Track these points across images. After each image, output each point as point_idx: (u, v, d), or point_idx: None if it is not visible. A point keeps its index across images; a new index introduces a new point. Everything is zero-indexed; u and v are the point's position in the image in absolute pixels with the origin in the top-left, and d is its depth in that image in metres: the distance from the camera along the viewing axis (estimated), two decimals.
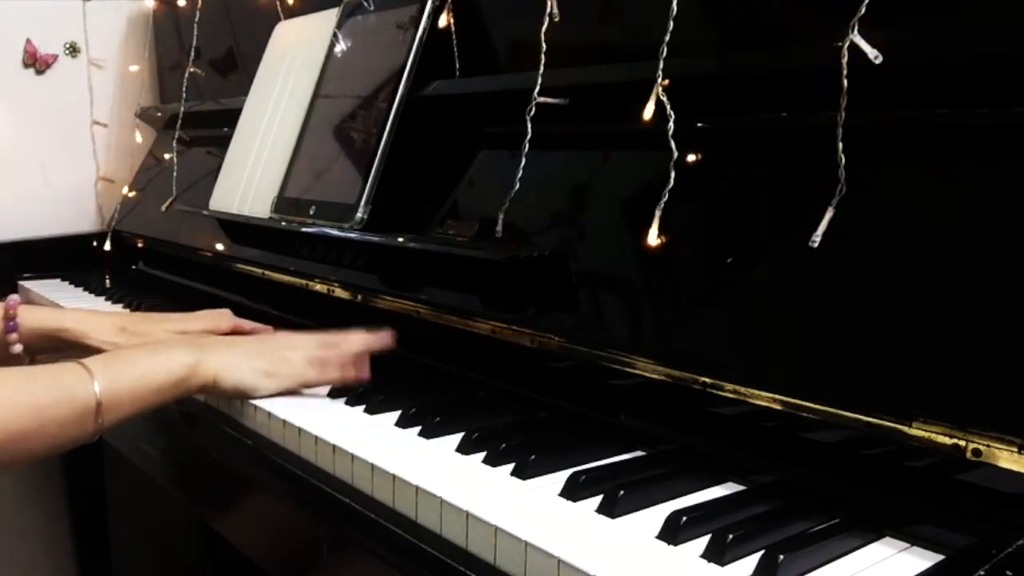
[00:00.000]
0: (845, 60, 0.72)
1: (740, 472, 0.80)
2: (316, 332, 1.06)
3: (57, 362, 0.93)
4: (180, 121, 1.80)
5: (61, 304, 1.60)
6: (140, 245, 1.86)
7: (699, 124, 0.88)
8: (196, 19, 1.79)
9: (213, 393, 1.01)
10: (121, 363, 0.93)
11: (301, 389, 1.03)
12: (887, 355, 0.69)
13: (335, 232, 1.19)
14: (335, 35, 1.36)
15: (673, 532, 0.68)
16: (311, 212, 1.26)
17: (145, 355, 0.97)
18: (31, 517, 2.04)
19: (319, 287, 1.29)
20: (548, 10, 0.99)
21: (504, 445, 0.84)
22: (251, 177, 1.43)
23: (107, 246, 1.92)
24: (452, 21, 1.20)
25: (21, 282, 1.82)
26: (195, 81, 1.83)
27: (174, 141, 1.79)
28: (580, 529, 0.70)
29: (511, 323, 0.97)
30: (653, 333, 0.85)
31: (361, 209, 1.17)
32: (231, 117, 1.57)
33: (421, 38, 1.19)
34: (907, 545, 0.68)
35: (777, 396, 0.74)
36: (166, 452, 1.19)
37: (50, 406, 0.86)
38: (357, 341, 1.05)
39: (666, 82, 0.86)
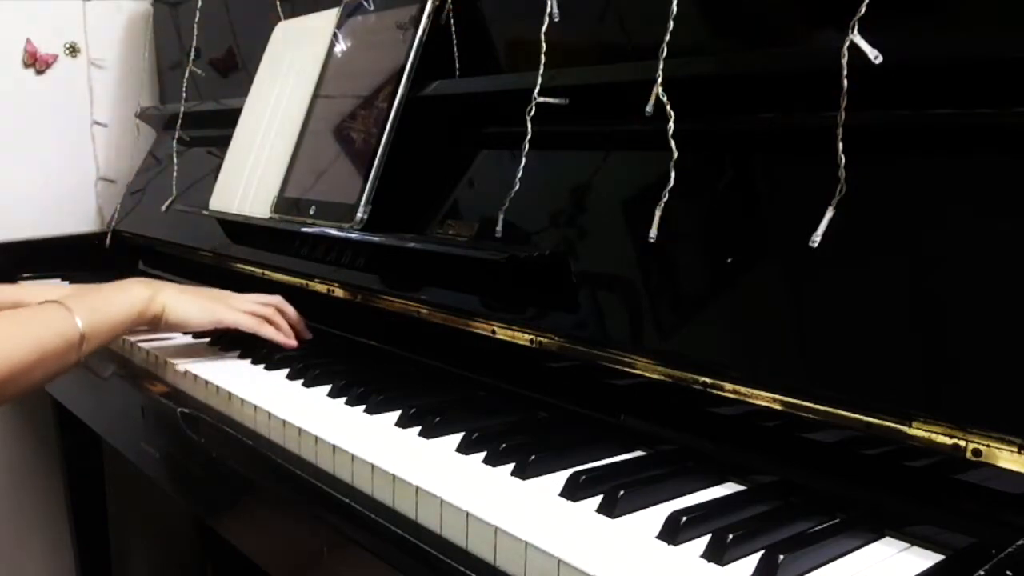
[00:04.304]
0: (845, 60, 0.72)
1: (740, 472, 0.80)
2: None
3: None
4: (180, 121, 1.80)
5: None
6: (140, 245, 1.86)
7: (699, 124, 0.87)
8: (196, 19, 1.79)
9: (162, 323, 1.16)
10: (93, 300, 1.09)
11: (238, 326, 1.19)
12: (887, 355, 0.69)
13: (335, 232, 1.19)
14: (335, 35, 1.36)
15: (673, 532, 0.68)
16: (311, 212, 1.26)
17: (112, 292, 1.13)
18: (31, 517, 2.04)
19: (319, 287, 1.29)
20: (548, 10, 0.99)
21: (504, 445, 0.84)
22: (251, 177, 1.43)
23: (107, 246, 1.92)
24: (452, 21, 1.20)
25: (21, 282, 1.82)
26: (195, 81, 1.82)
27: (174, 141, 1.79)
28: (580, 529, 0.70)
29: (511, 323, 0.97)
30: (653, 333, 0.85)
31: (361, 209, 1.17)
32: (231, 117, 1.57)
33: (421, 38, 1.19)
34: (907, 545, 0.68)
35: (777, 396, 0.74)
36: (166, 452, 1.19)
37: (48, 341, 1.01)
38: (293, 314, 1.25)
39: (666, 82, 0.86)
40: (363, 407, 0.99)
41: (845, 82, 0.72)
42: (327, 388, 1.06)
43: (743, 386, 0.76)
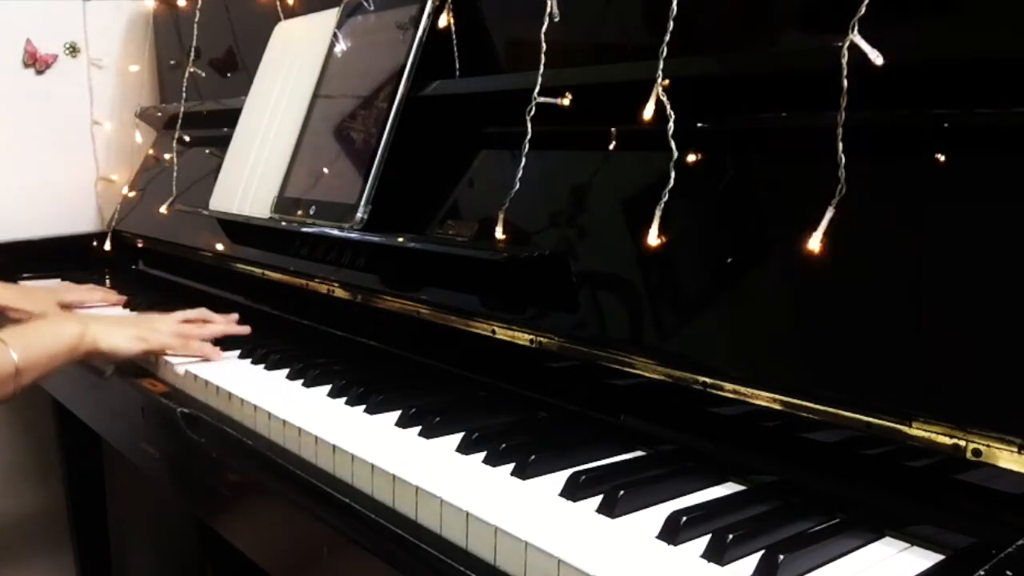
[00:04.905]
0: (845, 60, 0.72)
1: (740, 472, 0.80)
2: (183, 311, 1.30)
3: None
4: (180, 121, 1.80)
5: None
6: (140, 245, 1.86)
7: (699, 124, 0.87)
8: (196, 19, 1.79)
9: (95, 355, 1.19)
10: (29, 335, 1.14)
11: (166, 353, 1.23)
12: (887, 355, 0.69)
13: (335, 232, 1.19)
14: (335, 35, 1.36)
15: (673, 532, 0.68)
16: (311, 212, 1.26)
17: (46, 328, 1.18)
18: (31, 517, 2.03)
19: (319, 287, 1.29)
20: (548, 10, 0.99)
21: (504, 445, 0.84)
22: (251, 177, 1.43)
23: (107, 246, 1.92)
24: (452, 21, 1.20)
25: (21, 282, 1.82)
26: (195, 81, 1.82)
27: (174, 141, 1.79)
28: (580, 529, 0.70)
29: (511, 323, 0.97)
30: (653, 333, 0.85)
31: (361, 209, 1.17)
32: (231, 117, 1.57)
33: (421, 38, 1.19)
34: (907, 545, 0.68)
35: (777, 396, 0.74)
36: (166, 452, 1.19)
37: None
38: (217, 328, 1.28)
39: (666, 82, 0.86)
40: (363, 407, 0.99)
41: (845, 82, 0.72)
42: (327, 388, 1.06)
43: (743, 386, 0.76)
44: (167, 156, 1.83)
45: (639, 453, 0.86)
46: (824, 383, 0.71)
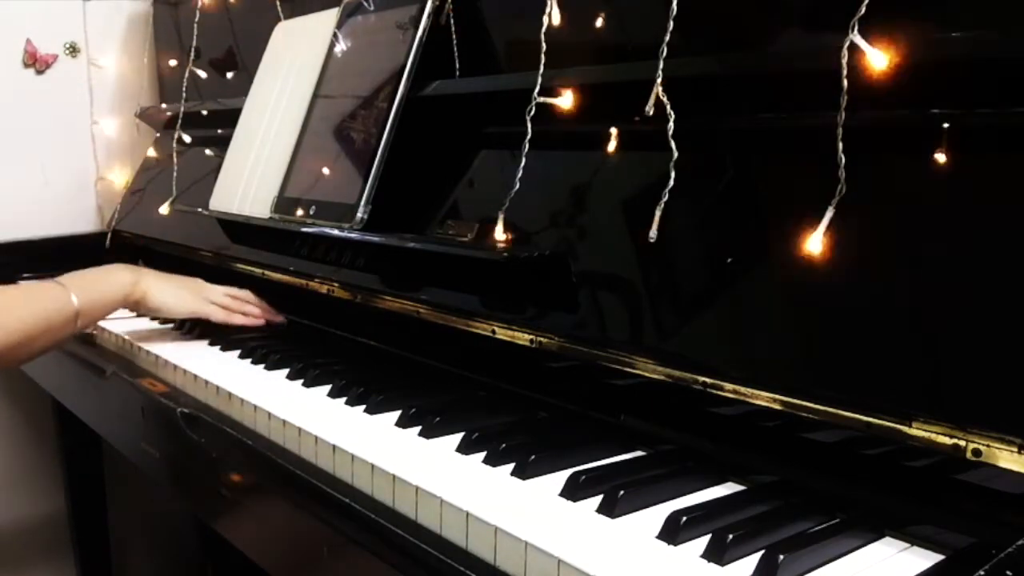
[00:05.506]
0: (845, 60, 0.72)
1: (740, 472, 0.80)
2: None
3: None
4: (180, 121, 1.80)
5: None
6: (140, 245, 1.86)
7: (699, 124, 0.87)
8: (196, 19, 1.79)
9: (143, 306, 1.29)
10: (86, 281, 1.22)
11: (209, 317, 1.32)
12: (887, 355, 0.69)
13: (335, 232, 1.19)
14: (335, 35, 1.36)
15: (673, 532, 0.68)
16: (311, 212, 1.26)
17: (102, 275, 1.26)
18: (31, 517, 2.04)
19: (319, 287, 1.29)
20: (548, 10, 0.99)
21: (504, 445, 0.84)
22: (251, 177, 1.43)
23: (107, 246, 1.92)
24: (452, 21, 1.20)
25: (21, 282, 1.82)
26: (195, 81, 1.82)
27: (174, 141, 1.79)
28: (580, 529, 0.70)
29: (511, 323, 0.97)
30: (653, 333, 0.85)
31: (361, 209, 1.17)
32: (231, 117, 1.57)
33: (421, 38, 1.19)
34: (907, 545, 0.68)
35: (777, 396, 0.74)
36: (166, 452, 1.19)
37: (52, 315, 1.15)
38: (256, 310, 1.35)
39: (666, 82, 0.86)
40: (363, 407, 0.99)
41: (845, 82, 0.72)
42: (327, 388, 1.06)
43: (743, 386, 0.76)
44: (167, 156, 1.83)
45: (639, 453, 0.86)
46: (824, 383, 0.71)
